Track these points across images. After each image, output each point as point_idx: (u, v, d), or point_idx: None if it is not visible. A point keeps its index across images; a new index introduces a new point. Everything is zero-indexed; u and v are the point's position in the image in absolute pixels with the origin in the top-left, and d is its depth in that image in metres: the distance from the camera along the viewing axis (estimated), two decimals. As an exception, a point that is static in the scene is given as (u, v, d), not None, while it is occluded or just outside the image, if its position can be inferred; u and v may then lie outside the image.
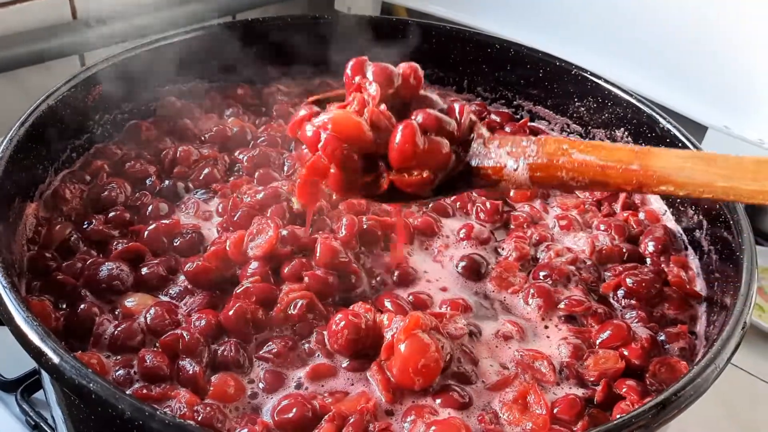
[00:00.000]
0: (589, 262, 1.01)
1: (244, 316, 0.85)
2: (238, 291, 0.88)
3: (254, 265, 0.91)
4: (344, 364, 0.83)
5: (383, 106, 0.81)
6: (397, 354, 0.80)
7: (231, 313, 0.85)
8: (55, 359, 0.68)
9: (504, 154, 0.80)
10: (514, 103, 1.35)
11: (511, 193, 1.14)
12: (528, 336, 0.91)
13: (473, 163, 0.81)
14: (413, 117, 0.81)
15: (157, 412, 0.65)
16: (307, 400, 0.78)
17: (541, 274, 0.98)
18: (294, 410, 0.76)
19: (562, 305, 0.93)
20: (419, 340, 0.80)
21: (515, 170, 0.79)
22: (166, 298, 0.90)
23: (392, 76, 0.83)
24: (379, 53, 1.36)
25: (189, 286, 0.91)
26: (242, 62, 1.32)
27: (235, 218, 0.98)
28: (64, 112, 1.05)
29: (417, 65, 0.87)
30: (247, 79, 1.33)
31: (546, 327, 0.92)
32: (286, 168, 1.12)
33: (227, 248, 0.92)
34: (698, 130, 1.45)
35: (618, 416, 0.79)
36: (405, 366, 0.80)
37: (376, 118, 0.80)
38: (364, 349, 0.83)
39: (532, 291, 0.95)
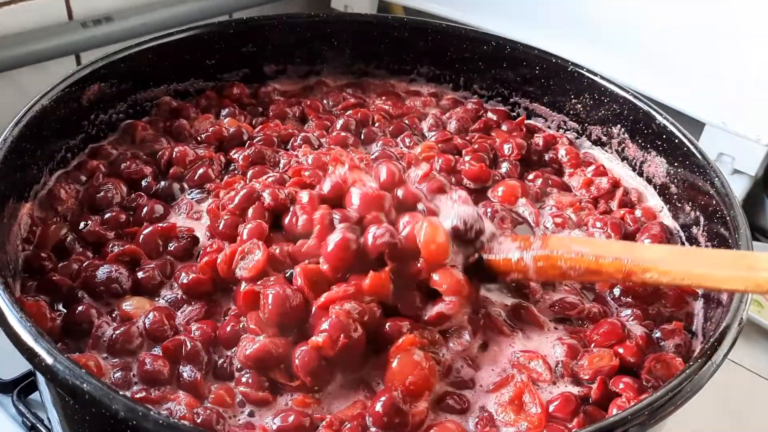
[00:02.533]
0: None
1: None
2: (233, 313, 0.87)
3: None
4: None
5: None
6: (389, 368, 0.80)
7: (228, 329, 0.85)
8: (49, 360, 0.68)
9: (513, 249, 0.88)
10: (511, 100, 1.35)
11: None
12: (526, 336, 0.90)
13: (485, 257, 0.89)
14: None
15: (151, 413, 0.64)
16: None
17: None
18: (292, 417, 0.76)
19: (555, 308, 0.93)
20: (410, 358, 0.80)
21: (521, 261, 0.87)
22: (163, 303, 0.89)
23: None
24: (376, 51, 1.37)
25: (185, 296, 0.90)
26: (238, 61, 1.31)
27: (220, 228, 0.95)
28: (58, 112, 1.04)
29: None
30: (243, 78, 1.33)
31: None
32: (281, 165, 1.11)
33: (218, 264, 0.89)
34: (696, 126, 1.45)
35: (615, 413, 0.79)
36: (392, 383, 0.79)
37: None
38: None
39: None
